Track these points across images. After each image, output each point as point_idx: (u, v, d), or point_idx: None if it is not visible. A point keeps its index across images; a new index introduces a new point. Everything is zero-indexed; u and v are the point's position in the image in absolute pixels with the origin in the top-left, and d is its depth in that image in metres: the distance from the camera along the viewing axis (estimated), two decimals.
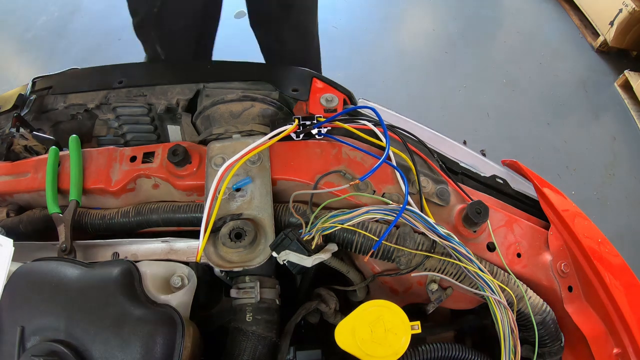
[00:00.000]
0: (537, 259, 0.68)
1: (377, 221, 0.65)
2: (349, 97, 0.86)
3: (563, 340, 0.67)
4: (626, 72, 2.37)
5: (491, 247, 0.66)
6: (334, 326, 0.58)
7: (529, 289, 0.65)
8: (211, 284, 0.66)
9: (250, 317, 0.60)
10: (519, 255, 0.67)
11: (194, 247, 0.67)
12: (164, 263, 0.62)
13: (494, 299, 0.59)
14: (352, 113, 0.77)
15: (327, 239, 0.64)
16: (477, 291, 0.61)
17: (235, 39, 1.98)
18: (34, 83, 0.99)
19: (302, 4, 1.39)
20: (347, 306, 0.73)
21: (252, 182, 0.67)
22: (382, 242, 0.62)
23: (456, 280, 0.63)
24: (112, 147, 0.75)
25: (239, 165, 0.65)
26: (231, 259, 0.61)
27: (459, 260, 0.60)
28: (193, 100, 0.86)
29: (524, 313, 0.63)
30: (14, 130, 0.85)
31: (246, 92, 0.80)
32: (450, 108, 2.27)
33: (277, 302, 0.64)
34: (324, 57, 1.70)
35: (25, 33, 2.79)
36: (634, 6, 2.27)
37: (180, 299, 0.57)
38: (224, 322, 0.70)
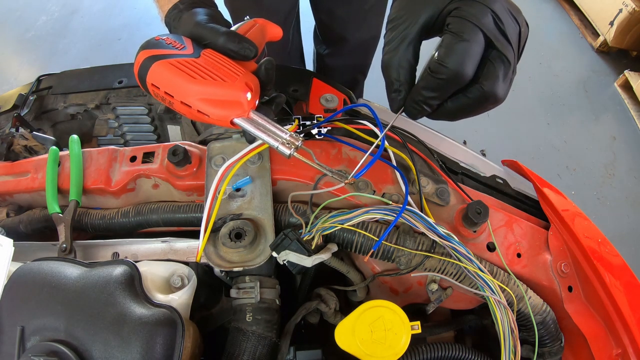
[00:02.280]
0: (537, 259, 0.68)
1: (377, 221, 0.65)
2: (348, 97, 0.86)
3: (563, 340, 0.67)
4: (626, 72, 2.37)
5: (491, 247, 0.66)
6: (334, 326, 0.58)
7: (529, 289, 0.65)
8: (211, 284, 0.66)
9: (250, 317, 0.60)
10: (519, 255, 0.67)
11: (194, 247, 0.67)
12: (164, 263, 0.62)
13: (494, 299, 0.59)
14: (351, 112, 0.77)
15: (327, 239, 0.64)
16: (477, 291, 0.61)
17: None
18: (39, 81, 0.99)
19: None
20: (347, 306, 0.73)
21: (252, 182, 0.67)
22: (382, 242, 0.62)
23: (456, 280, 0.63)
24: (112, 147, 0.75)
25: (239, 165, 0.65)
26: (231, 259, 0.61)
27: (459, 260, 0.60)
28: None
29: (524, 313, 0.63)
30: (14, 130, 0.85)
31: None
32: None
33: (277, 302, 0.64)
34: None
35: (25, 33, 2.79)
36: (634, 6, 2.27)
37: (180, 299, 0.57)
38: (224, 322, 0.70)
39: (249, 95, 0.53)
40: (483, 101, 0.50)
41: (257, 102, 0.56)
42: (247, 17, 0.64)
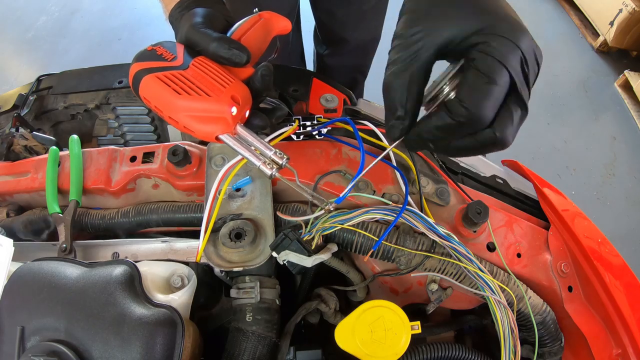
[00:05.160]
0: (537, 259, 0.68)
1: (377, 221, 0.65)
2: (348, 97, 0.86)
3: (563, 340, 0.67)
4: (626, 72, 2.37)
5: (491, 247, 0.66)
6: (334, 326, 0.58)
7: (529, 289, 0.65)
8: (211, 284, 0.67)
9: (250, 317, 0.60)
10: (519, 255, 0.67)
11: (194, 247, 0.67)
12: (164, 263, 0.62)
13: (494, 299, 0.59)
14: (351, 113, 0.77)
15: (327, 239, 0.64)
16: (477, 291, 0.61)
17: None
18: (39, 81, 0.99)
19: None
20: (347, 306, 0.73)
21: (252, 182, 0.67)
22: (382, 242, 0.62)
23: (456, 280, 0.63)
24: (112, 147, 0.75)
25: (239, 165, 0.65)
26: (231, 259, 0.61)
27: (459, 260, 0.60)
28: None
29: (524, 313, 0.63)
30: (14, 130, 0.85)
31: None
32: None
33: (277, 302, 0.64)
34: None
35: (25, 33, 2.79)
36: (634, 6, 2.27)
37: (180, 299, 0.57)
38: (224, 322, 0.70)
39: (234, 110, 0.51)
40: (491, 146, 0.45)
41: (247, 114, 0.54)
42: (256, 9, 0.62)
